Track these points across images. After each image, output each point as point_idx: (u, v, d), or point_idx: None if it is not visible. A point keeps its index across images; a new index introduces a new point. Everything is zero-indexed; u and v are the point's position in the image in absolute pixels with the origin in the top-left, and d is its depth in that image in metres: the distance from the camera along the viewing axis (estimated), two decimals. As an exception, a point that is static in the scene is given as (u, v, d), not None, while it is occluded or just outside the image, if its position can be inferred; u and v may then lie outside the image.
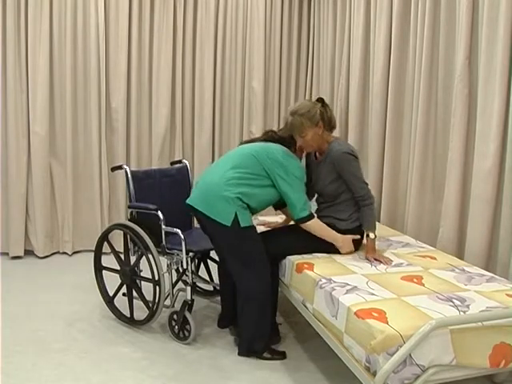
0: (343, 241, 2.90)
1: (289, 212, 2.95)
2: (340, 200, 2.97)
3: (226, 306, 3.19)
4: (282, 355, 2.92)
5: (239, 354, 2.92)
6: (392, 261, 2.80)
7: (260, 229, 3.19)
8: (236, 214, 2.73)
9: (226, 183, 2.77)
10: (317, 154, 3.08)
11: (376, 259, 2.80)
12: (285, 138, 2.94)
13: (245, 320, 2.87)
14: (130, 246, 3.26)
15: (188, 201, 2.92)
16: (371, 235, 2.86)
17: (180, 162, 3.69)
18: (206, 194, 2.81)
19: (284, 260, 2.97)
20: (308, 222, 2.83)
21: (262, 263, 2.82)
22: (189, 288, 3.08)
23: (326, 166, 2.96)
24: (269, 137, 2.97)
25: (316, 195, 3.20)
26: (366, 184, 2.92)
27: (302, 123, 2.83)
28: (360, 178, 2.90)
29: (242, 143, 3.05)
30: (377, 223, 3.66)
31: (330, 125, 2.94)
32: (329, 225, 2.92)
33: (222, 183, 2.77)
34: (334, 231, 2.89)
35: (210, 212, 2.77)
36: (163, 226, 3.07)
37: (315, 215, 2.89)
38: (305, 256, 2.89)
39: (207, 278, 3.77)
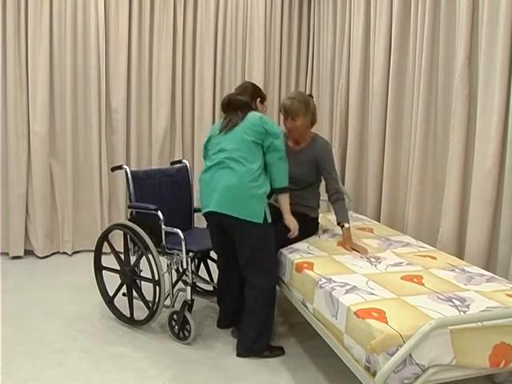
0: (293, 220, 2.98)
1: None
2: (309, 189, 3.25)
3: (226, 306, 3.19)
4: (280, 350, 2.95)
5: (239, 354, 2.91)
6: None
7: None
8: (265, 211, 2.79)
9: (249, 180, 2.74)
10: (289, 141, 3.27)
11: (354, 249, 2.98)
12: (249, 102, 2.98)
13: (254, 317, 2.88)
14: (130, 246, 3.26)
15: (211, 208, 2.82)
16: (346, 225, 3.08)
17: (180, 161, 3.69)
18: (232, 196, 2.75)
19: (283, 259, 2.98)
20: (286, 193, 2.92)
21: (275, 259, 2.97)
22: (189, 288, 3.08)
23: (306, 156, 3.19)
24: (248, 108, 2.93)
25: None
26: None
27: (299, 108, 3.09)
28: (336, 171, 3.24)
29: (224, 128, 2.90)
30: (377, 223, 3.73)
31: (313, 120, 3.24)
32: (301, 213, 3.16)
33: (246, 181, 2.74)
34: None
35: (241, 214, 2.74)
36: (163, 226, 3.07)
37: None
38: (304, 255, 2.90)
39: (207, 278, 3.77)
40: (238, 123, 2.86)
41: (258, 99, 3.05)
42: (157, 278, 3.02)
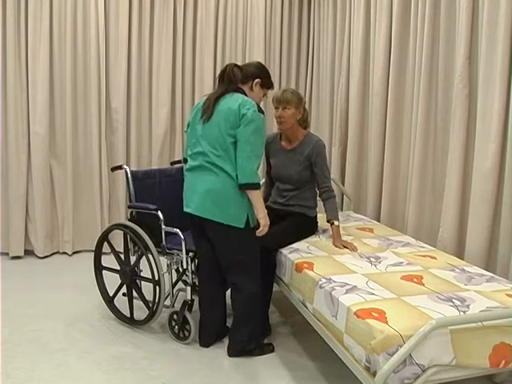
0: (266, 219, 2.75)
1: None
2: (305, 188, 3.25)
3: (214, 318, 3.03)
4: (270, 347, 2.97)
5: (232, 355, 2.89)
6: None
7: None
8: (247, 215, 2.73)
9: (230, 184, 2.66)
10: (282, 142, 3.30)
11: (344, 246, 3.02)
12: (237, 79, 2.79)
13: (243, 322, 2.86)
14: (130, 246, 3.26)
15: (191, 211, 2.76)
16: (336, 223, 3.13)
17: (180, 162, 3.68)
18: (212, 201, 2.68)
19: (283, 259, 2.98)
20: (253, 190, 2.67)
21: (259, 262, 2.86)
22: (189, 288, 3.08)
23: (300, 154, 3.20)
24: (230, 86, 2.77)
25: (276, 184, 3.35)
26: None
27: (291, 98, 3.13)
28: (328, 169, 3.26)
29: (204, 114, 2.75)
30: (377, 223, 3.73)
31: (305, 121, 3.28)
32: (300, 213, 3.22)
33: (227, 186, 2.66)
34: (264, 208, 2.75)
35: (222, 218, 2.68)
36: (163, 226, 3.07)
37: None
38: (304, 255, 2.90)
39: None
40: (214, 111, 2.70)
41: (257, 80, 2.82)
42: (157, 277, 3.02)
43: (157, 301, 3.05)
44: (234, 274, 2.83)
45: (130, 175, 3.26)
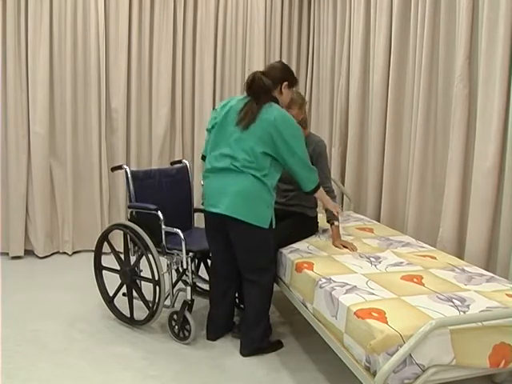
0: (335, 205, 3.08)
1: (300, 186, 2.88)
2: None
3: (218, 316, 3.11)
4: (280, 344, 3.03)
5: (247, 354, 2.91)
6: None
7: None
8: (271, 217, 2.79)
9: (259, 185, 2.71)
10: None
11: (344, 246, 3.03)
12: (270, 87, 2.77)
13: (258, 317, 2.90)
14: (130, 246, 3.26)
15: (221, 211, 2.75)
16: (336, 223, 3.15)
17: (180, 161, 3.69)
18: (243, 201, 2.71)
19: (283, 258, 2.99)
20: (317, 191, 2.91)
21: (274, 258, 3.00)
22: (189, 288, 3.08)
23: None
24: (267, 96, 2.76)
25: (277, 184, 3.31)
26: None
27: (297, 98, 3.14)
28: (329, 170, 3.30)
29: (240, 122, 2.73)
30: (377, 223, 3.73)
31: (306, 123, 3.27)
32: (300, 213, 3.25)
33: (257, 187, 2.71)
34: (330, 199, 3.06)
35: (251, 219, 2.72)
36: (163, 226, 3.07)
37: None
38: (304, 255, 2.90)
39: (207, 278, 3.77)
40: (254, 121, 2.70)
41: (286, 83, 2.84)
42: (157, 277, 3.02)
43: (157, 301, 3.05)
44: (254, 272, 2.87)
45: (129, 175, 3.26)
